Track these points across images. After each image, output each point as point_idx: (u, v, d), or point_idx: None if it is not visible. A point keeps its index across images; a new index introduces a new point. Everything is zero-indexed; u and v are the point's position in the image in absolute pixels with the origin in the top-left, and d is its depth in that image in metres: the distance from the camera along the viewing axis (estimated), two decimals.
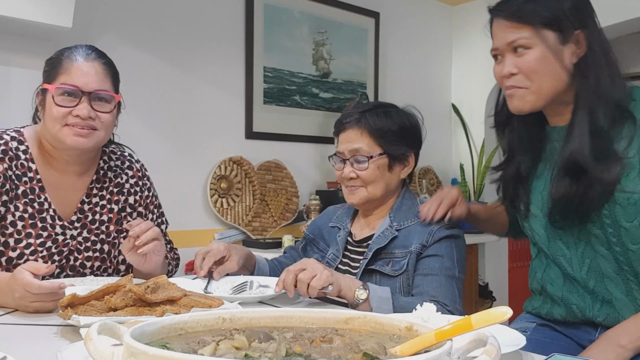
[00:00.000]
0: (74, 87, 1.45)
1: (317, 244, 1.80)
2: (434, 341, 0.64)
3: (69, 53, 1.51)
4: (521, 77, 1.30)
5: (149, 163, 2.97)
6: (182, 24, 3.00)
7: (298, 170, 3.45)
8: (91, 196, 1.59)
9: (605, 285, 1.32)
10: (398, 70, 4.02)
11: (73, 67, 1.47)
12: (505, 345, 0.93)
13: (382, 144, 1.62)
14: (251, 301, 1.40)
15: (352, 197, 1.66)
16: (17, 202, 1.48)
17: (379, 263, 1.57)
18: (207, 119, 3.10)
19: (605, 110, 1.26)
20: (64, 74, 1.47)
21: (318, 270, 1.35)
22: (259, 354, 0.61)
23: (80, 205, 1.57)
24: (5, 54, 2.49)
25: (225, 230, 3.16)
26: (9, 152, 1.49)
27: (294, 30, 3.45)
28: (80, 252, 1.56)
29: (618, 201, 1.24)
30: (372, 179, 1.62)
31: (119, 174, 1.67)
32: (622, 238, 1.26)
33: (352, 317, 0.75)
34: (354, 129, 1.64)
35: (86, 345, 0.62)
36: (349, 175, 1.64)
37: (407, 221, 1.62)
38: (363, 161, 1.61)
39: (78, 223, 1.56)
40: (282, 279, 1.36)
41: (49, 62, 1.53)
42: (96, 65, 1.50)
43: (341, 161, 1.67)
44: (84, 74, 1.47)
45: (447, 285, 1.52)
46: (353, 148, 1.63)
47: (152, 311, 1.14)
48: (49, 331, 1.12)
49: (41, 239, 1.50)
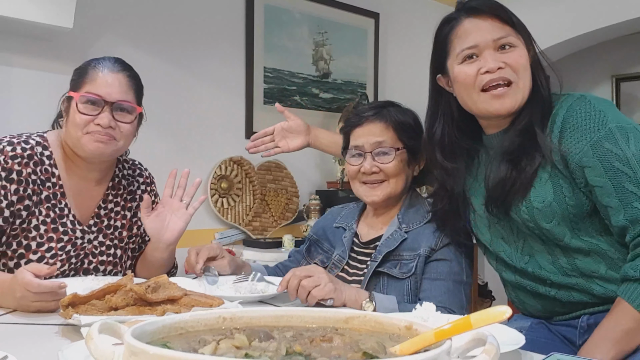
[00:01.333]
0: (97, 96, 1.50)
1: (322, 244, 1.76)
2: (434, 340, 0.64)
3: (96, 63, 1.55)
4: (509, 71, 1.28)
5: (150, 163, 2.96)
6: (182, 24, 3.00)
7: (298, 170, 3.45)
8: (107, 202, 1.65)
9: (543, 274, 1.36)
10: (398, 70, 4.02)
11: (98, 77, 1.51)
12: (504, 344, 0.94)
13: (404, 138, 1.60)
14: (252, 300, 1.40)
15: (373, 193, 1.61)
16: (40, 206, 1.51)
17: (387, 265, 1.54)
18: (207, 119, 3.10)
19: (543, 111, 1.30)
20: (89, 84, 1.51)
21: (323, 280, 1.32)
22: (259, 353, 0.61)
23: (97, 210, 1.62)
24: (6, 54, 2.49)
25: (225, 230, 3.16)
26: (34, 156, 1.51)
27: (294, 30, 3.45)
28: (95, 256, 1.60)
29: (534, 203, 1.28)
30: (397, 173, 1.59)
31: (131, 182, 1.73)
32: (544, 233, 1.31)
33: (352, 317, 0.75)
34: (376, 123, 1.61)
35: (87, 345, 0.62)
36: (371, 170, 1.59)
37: (416, 222, 1.59)
38: (387, 153, 1.58)
39: (95, 227, 1.61)
40: (286, 279, 1.35)
41: (77, 71, 1.57)
42: (120, 77, 1.55)
43: (358, 155, 1.63)
44: (107, 85, 1.51)
45: (455, 290, 1.50)
46: (376, 141, 1.59)
47: (152, 310, 1.14)
48: (50, 330, 1.12)
49: (62, 243, 1.53)
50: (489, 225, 1.43)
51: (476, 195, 1.44)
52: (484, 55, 1.30)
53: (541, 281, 1.36)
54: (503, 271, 1.46)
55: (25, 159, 1.49)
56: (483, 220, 1.44)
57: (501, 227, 1.40)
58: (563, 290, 1.33)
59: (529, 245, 1.36)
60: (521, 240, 1.37)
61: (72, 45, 2.63)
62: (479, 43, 1.30)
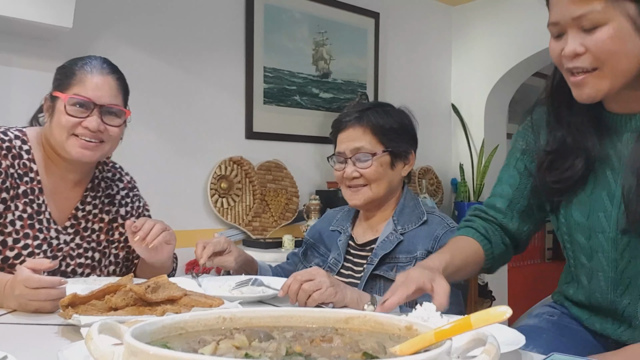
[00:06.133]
0: (87, 99, 1.47)
1: (318, 248, 1.77)
2: (434, 340, 0.64)
3: (83, 64, 1.51)
4: (589, 58, 1.08)
5: (150, 163, 2.97)
6: (182, 24, 3.00)
7: (298, 170, 3.45)
8: (85, 204, 1.61)
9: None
10: (398, 70, 4.02)
11: (87, 79, 1.48)
12: (504, 344, 0.93)
13: (384, 141, 1.61)
14: (251, 300, 1.40)
15: (355, 197, 1.63)
16: (17, 201, 1.48)
17: (384, 268, 1.54)
18: (207, 119, 3.10)
19: None
20: (77, 85, 1.48)
21: (324, 284, 1.30)
22: (259, 353, 0.61)
23: (74, 211, 1.59)
24: (6, 54, 2.49)
25: (225, 230, 3.16)
26: (12, 149, 1.49)
27: (294, 30, 3.45)
28: (73, 258, 1.57)
29: None
30: (376, 177, 1.60)
31: (109, 185, 1.69)
32: None
33: (352, 317, 0.75)
34: (355, 128, 1.62)
35: (87, 345, 0.62)
36: (352, 175, 1.61)
37: (412, 224, 1.59)
38: (366, 159, 1.59)
39: (71, 229, 1.58)
40: (287, 284, 1.33)
41: (62, 71, 1.54)
42: (110, 80, 1.51)
43: (342, 161, 1.65)
44: (97, 87, 1.48)
45: (453, 294, 1.49)
46: (355, 147, 1.61)
47: (152, 311, 1.14)
48: (49, 331, 1.12)
49: (38, 241, 1.50)
50: (590, 234, 1.23)
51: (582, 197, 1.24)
52: (568, 35, 1.10)
53: (626, 322, 1.23)
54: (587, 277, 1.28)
55: (4, 150, 1.47)
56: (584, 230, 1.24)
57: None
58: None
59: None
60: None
61: (71, 45, 2.62)
62: (559, 20, 1.10)
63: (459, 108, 4.29)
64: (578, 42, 1.08)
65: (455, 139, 4.36)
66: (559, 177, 1.23)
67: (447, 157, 4.35)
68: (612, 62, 1.07)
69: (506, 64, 4.05)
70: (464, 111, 4.28)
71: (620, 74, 1.09)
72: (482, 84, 4.18)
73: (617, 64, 1.07)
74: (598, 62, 1.08)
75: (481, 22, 4.17)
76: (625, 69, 1.08)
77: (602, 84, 1.10)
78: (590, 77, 1.09)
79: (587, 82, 1.10)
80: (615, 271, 1.22)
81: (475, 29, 4.21)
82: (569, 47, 1.09)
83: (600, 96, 1.12)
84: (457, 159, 4.30)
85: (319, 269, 1.34)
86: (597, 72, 1.09)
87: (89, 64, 1.52)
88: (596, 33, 1.06)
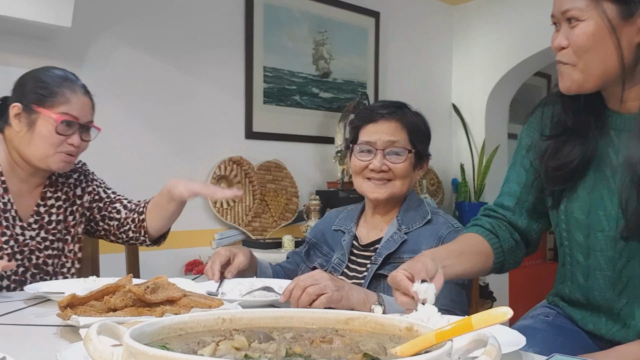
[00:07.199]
0: (75, 119, 1.60)
1: (321, 248, 1.75)
2: (435, 341, 0.64)
3: (69, 84, 1.62)
4: (569, 52, 1.14)
5: (149, 163, 2.97)
6: (181, 23, 3.00)
7: (298, 170, 3.45)
8: (45, 199, 1.70)
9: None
10: (398, 70, 4.02)
11: (73, 99, 1.61)
12: (505, 345, 0.93)
13: (414, 141, 1.61)
14: (252, 305, 1.39)
15: (378, 191, 1.60)
16: None
17: (387, 268, 1.52)
18: (207, 119, 3.10)
19: None
20: (64, 104, 1.59)
21: (329, 288, 1.25)
22: (258, 354, 0.61)
23: (36, 208, 1.68)
24: (5, 54, 2.49)
25: (225, 230, 3.16)
26: None
27: (294, 30, 3.45)
28: (41, 251, 1.66)
29: None
30: (404, 174, 1.59)
31: (66, 176, 1.77)
32: None
33: (352, 318, 0.75)
34: (391, 122, 1.61)
35: (86, 346, 0.62)
36: (381, 167, 1.58)
37: (416, 223, 1.59)
38: (398, 154, 1.58)
39: (35, 225, 1.66)
40: (289, 289, 1.29)
41: (38, 85, 1.60)
42: (88, 100, 1.66)
43: (368, 152, 1.61)
44: (81, 107, 1.62)
45: (458, 294, 1.49)
46: (390, 140, 1.59)
47: (151, 311, 1.14)
48: (48, 331, 1.12)
49: (5, 237, 1.59)
50: (589, 232, 1.24)
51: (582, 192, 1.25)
52: (561, 27, 1.16)
53: (621, 322, 1.23)
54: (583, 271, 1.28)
55: None
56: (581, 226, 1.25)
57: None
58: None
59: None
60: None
61: (70, 45, 2.62)
62: (555, 14, 1.17)
63: (460, 108, 4.29)
64: (564, 36, 1.14)
65: (455, 139, 4.35)
66: (559, 163, 1.25)
67: (448, 157, 4.35)
68: (586, 59, 1.13)
69: (507, 63, 4.04)
70: (465, 111, 4.27)
71: (594, 72, 1.13)
72: (483, 83, 4.18)
73: (590, 61, 1.12)
74: (576, 57, 1.13)
75: (482, 22, 4.16)
76: (599, 68, 1.13)
77: (576, 79, 1.15)
78: (568, 70, 1.15)
79: (564, 74, 1.16)
80: (613, 270, 1.22)
81: (476, 29, 4.21)
82: (556, 40, 1.16)
83: (574, 89, 1.16)
84: (457, 159, 4.30)
85: (322, 273, 1.31)
86: (574, 66, 1.14)
87: (73, 83, 1.63)
88: (576, 29, 1.12)
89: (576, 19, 1.12)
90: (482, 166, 4.08)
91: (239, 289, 1.47)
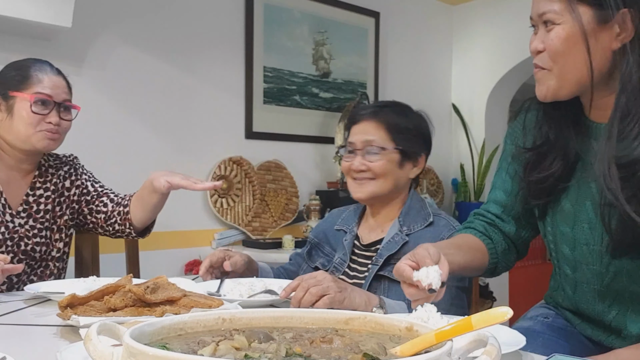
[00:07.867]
0: (48, 97, 1.66)
1: (323, 248, 1.75)
2: (434, 341, 0.64)
3: (39, 66, 1.69)
4: (545, 56, 1.11)
5: (149, 163, 2.97)
6: (182, 23, 3.00)
7: (298, 170, 3.45)
8: (35, 189, 1.75)
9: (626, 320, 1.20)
10: (398, 70, 4.02)
11: (45, 79, 1.67)
12: (505, 345, 0.93)
13: (396, 139, 1.61)
14: (251, 305, 1.39)
15: (359, 190, 1.62)
16: None
17: (388, 269, 1.51)
18: (207, 119, 3.10)
19: None
20: (36, 85, 1.65)
21: (332, 289, 1.25)
22: (258, 354, 0.61)
23: (25, 197, 1.74)
24: (5, 54, 2.48)
25: (225, 230, 3.16)
26: None
27: (294, 30, 3.45)
28: (30, 239, 1.71)
29: None
30: (383, 172, 1.60)
31: (56, 168, 1.82)
32: None
33: (352, 318, 0.75)
34: (370, 122, 1.63)
35: (86, 346, 0.62)
36: (359, 167, 1.61)
37: (417, 225, 1.58)
38: (375, 153, 1.60)
39: (24, 213, 1.72)
40: (292, 286, 1.29)
41: (15, 72, 1.68)
42: (61, 80, 1.72)
43: (351, 152, 1.64)
44: (55, 86, 1.68)
45: (459, 297, 1.49)
46: (366, 139, 1.61)
47: (151, 311, 1.14)
48: (48, 331, 1.12)
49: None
50: (575, 245, 1.21)
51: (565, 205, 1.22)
52: (539, 30, 1.14)
53: (616, 332, 1.21)
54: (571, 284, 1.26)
55: None
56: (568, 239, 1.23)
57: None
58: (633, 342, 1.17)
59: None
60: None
61: (71, 45, 2.62)
62: (532, 16, 1.15)
63: (460, 108, 4.29)
64: (540, 40, 1.12)
65: (455, 139, 4.35)
66: (540, 176, 1.22)
67: (448, 157, 4.35)
68: (560, 64, 1.10)
69: (507, 63, 4.04)
70: (465, 111, 4.27)
71: (568, 77, 1.10)
72: (483, 83, 4.18)
73: (565, 66, 1.10)
74: (552, 61, 1.11)
75: (482, 22, 4.16)
76: (573, 74, 1.10)
77: (551, 84, 1.12)
78: (544, 75, 1.13)
79: (540, 80, 1.14)
80: (601, 284, 1.20)
81: (475, 29, 4.21)
82: (533, 43, 1.13)
83: (550, 96, 1.13)
84: (457, 159, 4.30)
85: (325, 274, 1.30)
86: (550, 71, 1.12)
87: (41, 65, 1.69)
88: (551, 32, 1.10)
89: (552, 22, 1.09)
90: (482, 166, 4.08)
91: (238, 290, 1.47)
